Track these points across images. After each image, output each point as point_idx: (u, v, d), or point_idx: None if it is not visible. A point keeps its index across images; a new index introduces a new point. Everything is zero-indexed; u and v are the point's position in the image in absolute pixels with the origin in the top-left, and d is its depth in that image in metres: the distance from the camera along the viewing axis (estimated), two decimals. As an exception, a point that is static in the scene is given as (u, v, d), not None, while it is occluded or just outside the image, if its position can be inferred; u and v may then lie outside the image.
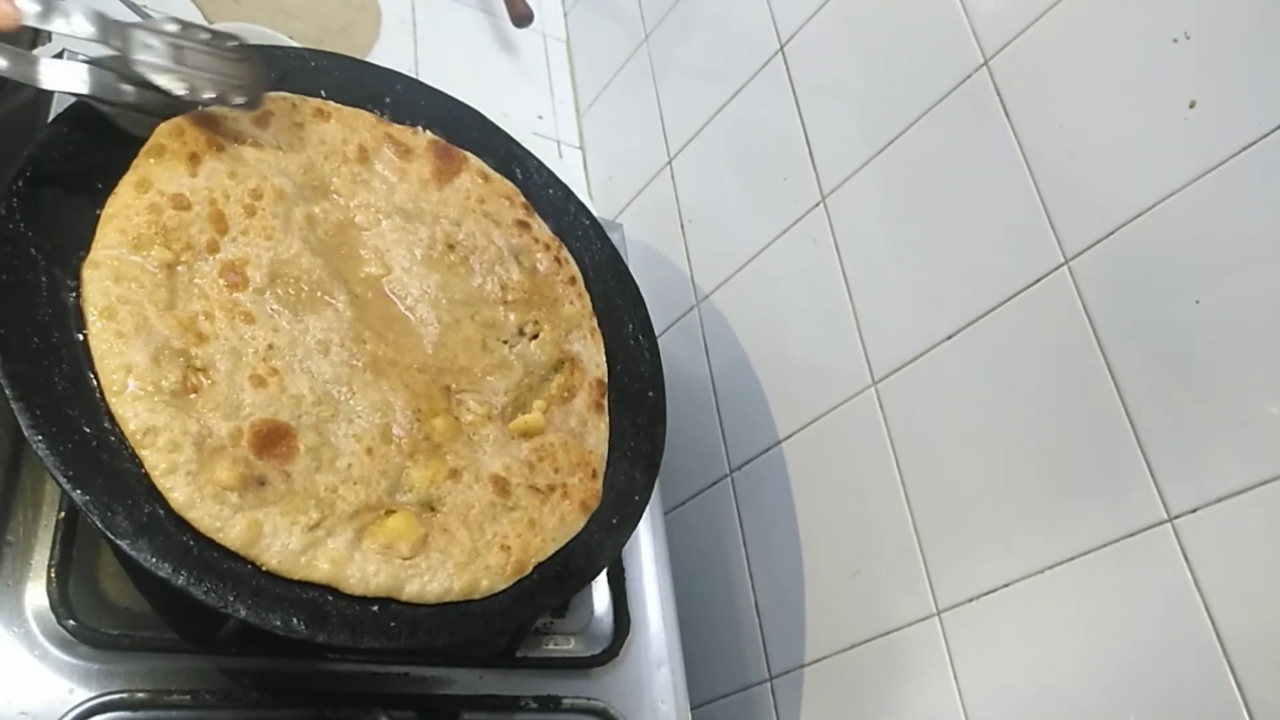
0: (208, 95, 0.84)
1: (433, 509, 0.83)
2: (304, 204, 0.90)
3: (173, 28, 0.83)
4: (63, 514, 0.77)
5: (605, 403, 0.99)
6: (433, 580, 0.80)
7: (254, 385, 0.79)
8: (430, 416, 0.87)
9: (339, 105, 0.98)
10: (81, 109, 0.82)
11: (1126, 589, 0.83)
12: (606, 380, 1.00)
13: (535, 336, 0.98)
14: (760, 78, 1.31)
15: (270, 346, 0.81)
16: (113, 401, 0.73)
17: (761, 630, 1.18)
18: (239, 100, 0.86)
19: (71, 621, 0.74)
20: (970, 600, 0.95)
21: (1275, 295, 0.77)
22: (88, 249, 0.78)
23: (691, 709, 1.03)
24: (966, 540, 0.96)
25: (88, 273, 0.77)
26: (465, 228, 0.99)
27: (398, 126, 1.00)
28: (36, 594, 0.75)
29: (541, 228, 1.05)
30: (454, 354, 0.92)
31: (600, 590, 1.02)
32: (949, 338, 1.01)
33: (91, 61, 0.81)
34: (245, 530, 0.73)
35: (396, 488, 0.82)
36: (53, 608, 0.74)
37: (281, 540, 0.74)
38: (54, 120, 0.82)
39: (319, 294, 0.87)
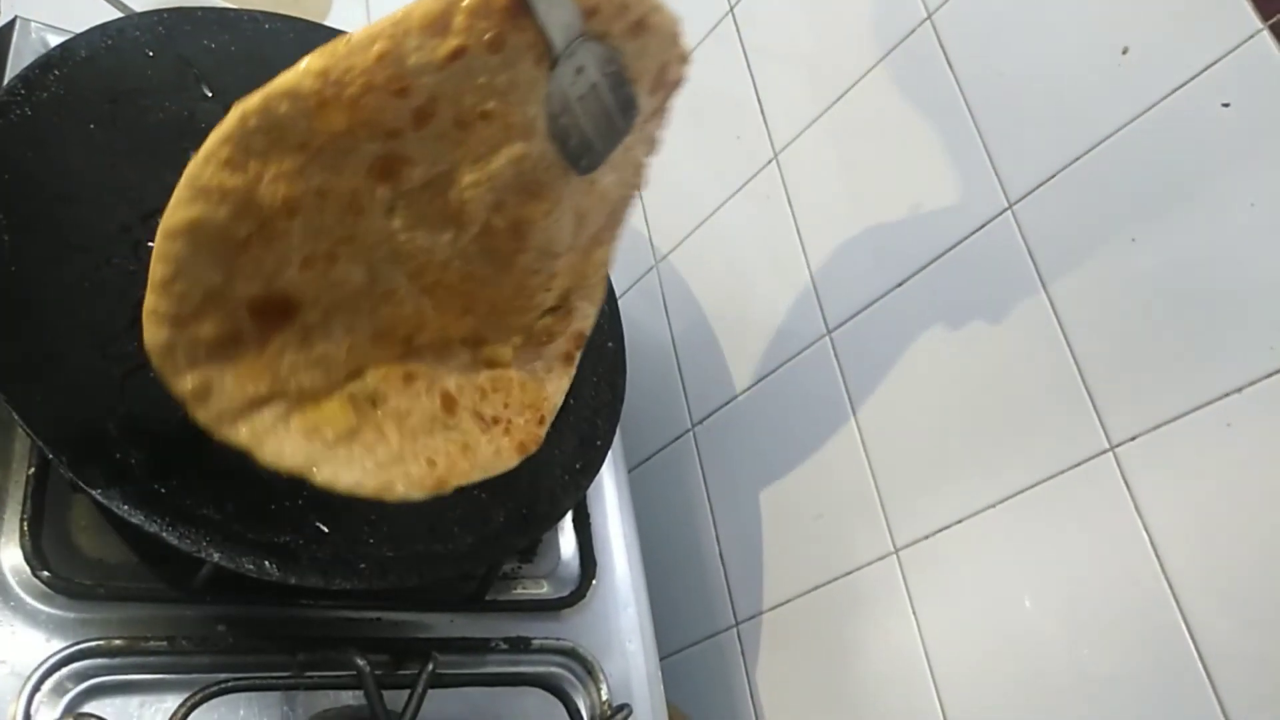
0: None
1: (374, 404, 0.82)
2: (533, 142, 0.77)
3: None
4: (33, 469, 0.78)
5: (577, 357, 0.98)
6: (347, 471, 0.78)
7: (302, 266, 0.74)
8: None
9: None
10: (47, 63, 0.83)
11: (1073, 518, 0.86)
12: (587, 336, 0.99)
13: (549, 289, 0.93)
14: (711, 39, 1.33)
15: (351, 238, 0.76)
16: (169, 218, 0.67)
17: (727, 579, 1.21)
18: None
19: (46, 573, 0.75)
20: (926, 537, 0.98)
21: (1203, 227, 0.80)
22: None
23: (661, 658, 1.06)
24: (921, 479, 1.00)
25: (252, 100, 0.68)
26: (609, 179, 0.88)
27: None
28: (10, 548, 0.75)
29: None
30: (494, 297, 0.88)
31: (567, 536, 1.04)
32: (899, 285, 1.04)
33: None
34: (197, 386, 0.71)
35: (351, 379, 0.81)
36: (27, 560, 0.75)
37: (222, 403, 0.73)
38: (14, 78, 0.82)
39: (455, 219, 0.80)
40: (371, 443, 0.80)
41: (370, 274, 0.79)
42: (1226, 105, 0.80)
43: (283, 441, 0.75)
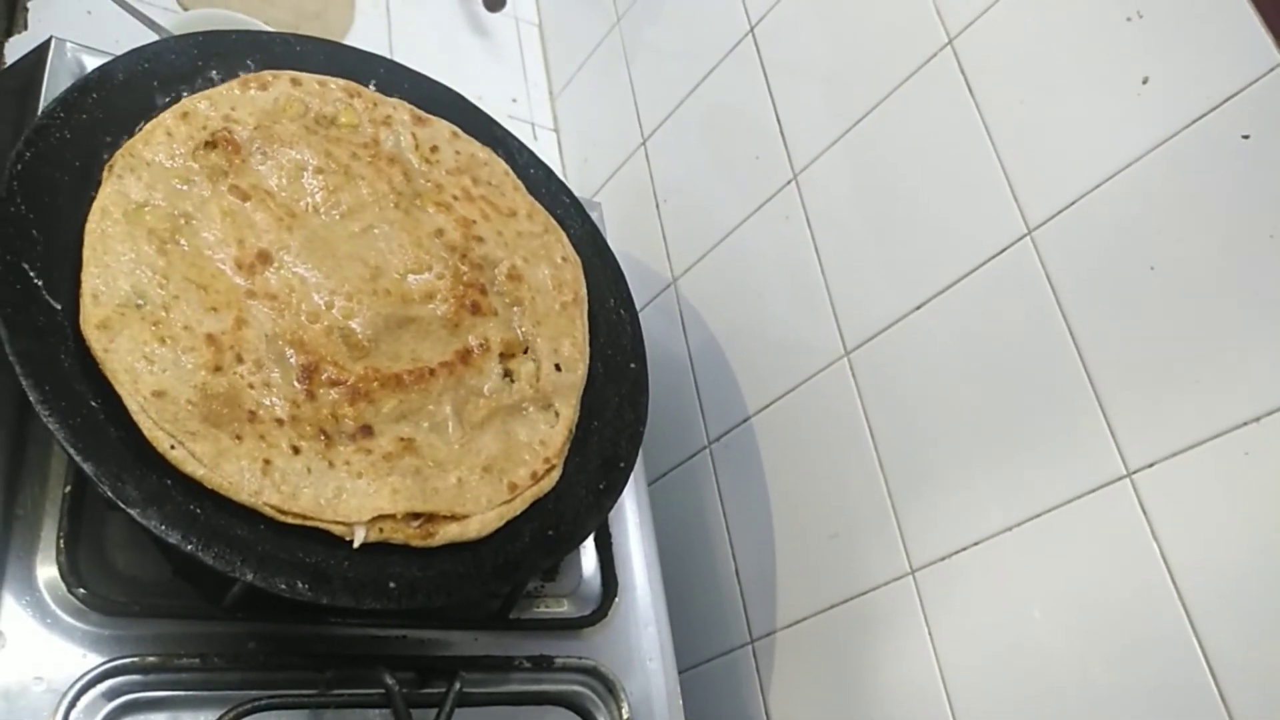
0: None
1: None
2: None
3: None
4: (69, 487, 0.79)
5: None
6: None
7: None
8: None
9: None
10: (85, 86, 0.84)
11: (1089, 542, 0.87)
12: None
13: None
14: (731, 59, 1.34)
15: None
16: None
17: (743, 596, 1.22)
18: None
19: (81, 590, 0.76)
20: (942, 559, 0.99)
21: (1223, 258, 0.81)
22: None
23: (679, 673, 1.06)
24: (938, 501, 1.00)
25: None
26: None
27: None
28: (47, 565, 0.77)
29: None
30: None
31: (588, 555, 1.05)
32: (918, 308, 1.05)
33: None
34: None
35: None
36: (63, 577, 0.76)
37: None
38: (54, 100, 0.83)
39: None
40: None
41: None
42: (1246, 137, 0.81)
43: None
